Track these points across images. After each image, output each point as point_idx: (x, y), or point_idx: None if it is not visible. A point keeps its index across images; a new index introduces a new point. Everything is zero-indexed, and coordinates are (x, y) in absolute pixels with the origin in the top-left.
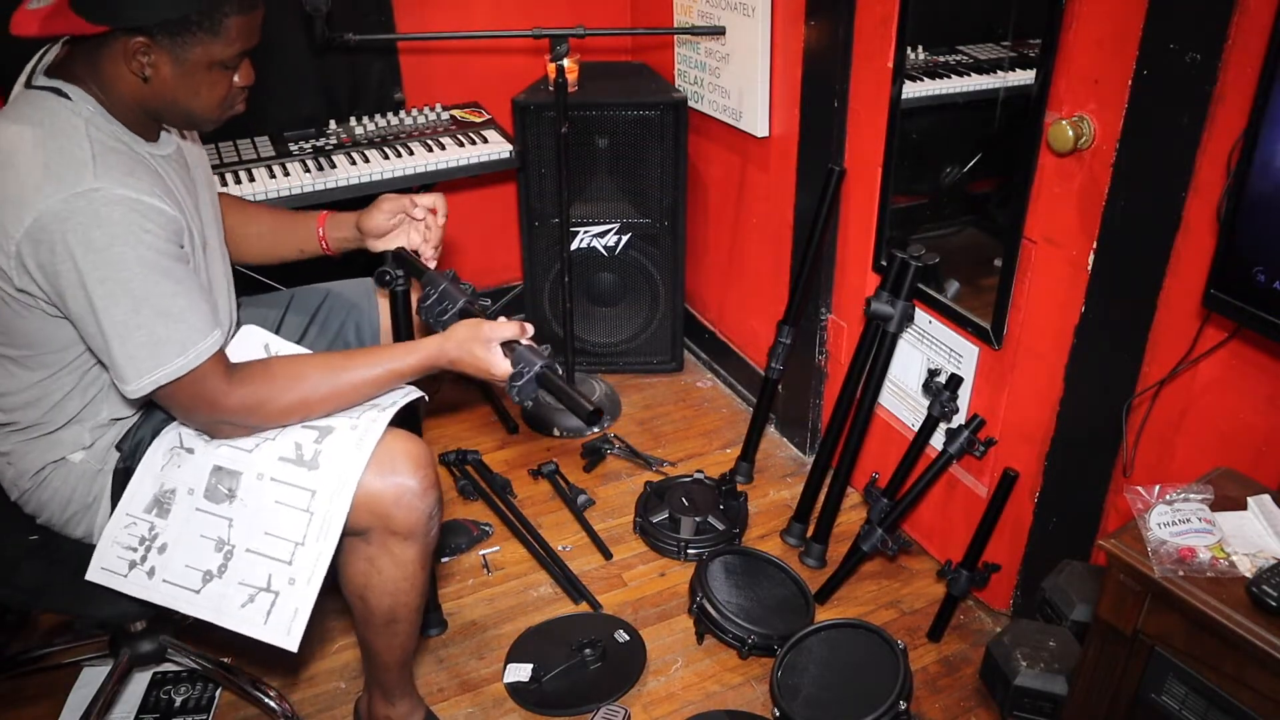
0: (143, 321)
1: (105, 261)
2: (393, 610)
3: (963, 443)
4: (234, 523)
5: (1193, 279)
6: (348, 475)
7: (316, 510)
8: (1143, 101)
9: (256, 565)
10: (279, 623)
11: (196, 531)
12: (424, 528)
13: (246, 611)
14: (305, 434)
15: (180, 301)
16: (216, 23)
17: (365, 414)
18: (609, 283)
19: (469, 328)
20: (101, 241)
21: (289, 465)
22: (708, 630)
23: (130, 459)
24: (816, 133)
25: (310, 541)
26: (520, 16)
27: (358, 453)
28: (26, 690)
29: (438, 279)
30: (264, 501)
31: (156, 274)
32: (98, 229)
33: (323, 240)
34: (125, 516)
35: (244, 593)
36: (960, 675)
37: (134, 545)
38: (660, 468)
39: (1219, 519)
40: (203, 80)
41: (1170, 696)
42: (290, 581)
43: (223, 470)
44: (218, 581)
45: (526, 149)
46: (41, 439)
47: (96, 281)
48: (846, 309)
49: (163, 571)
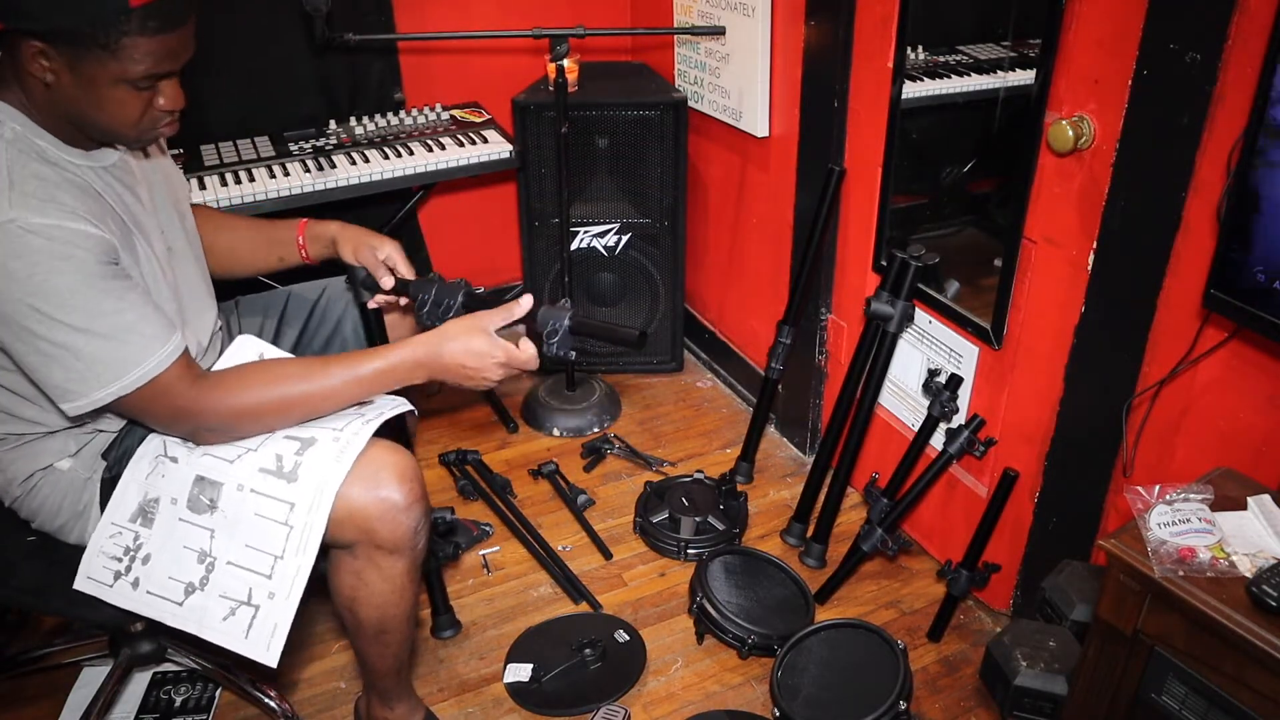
0: (87, 342)
1: (30, 291)
2: (381, 622)
3: (963, 443)
4: (215, 534)
5: (1193, 279)
6: (326, 488)
7: (295, 523)
8: (1143, 101)
9: (237, 578)
10: (259, 638)
11: (179, 542)
12: (410, 541)
13: (228, 625)
14: (287, 445)
15: (127, 316)
16: (113, 40)
17: (350, 425)
18: (609, 283)
19: (464, 321)
20: (22, 272)
21: (269, 477)
22: (708, 630)
23: (116, 467)
24: (816, 133)
25: (289, 555)
26: (520, 16)
27: (337, 465)
28: (26, 690)
29: (425, 285)
30: (244, 513)
31: (94, 294)
32: (16, 260)
33: (302, 249)
34: (111, 526)
35: (225, 606)
36: (960, 675)
37: (119, 555)
38: (660, 468)
39: (1219, 519)
40: (106, 96)
41: (1170, 696)
42: (270, 596)
43: (205, 480)
44: (200, 594)
45: (526, 149)
46: (26, 447)
47: (27, 310)
48: (846, 309)
49: (146, 583)
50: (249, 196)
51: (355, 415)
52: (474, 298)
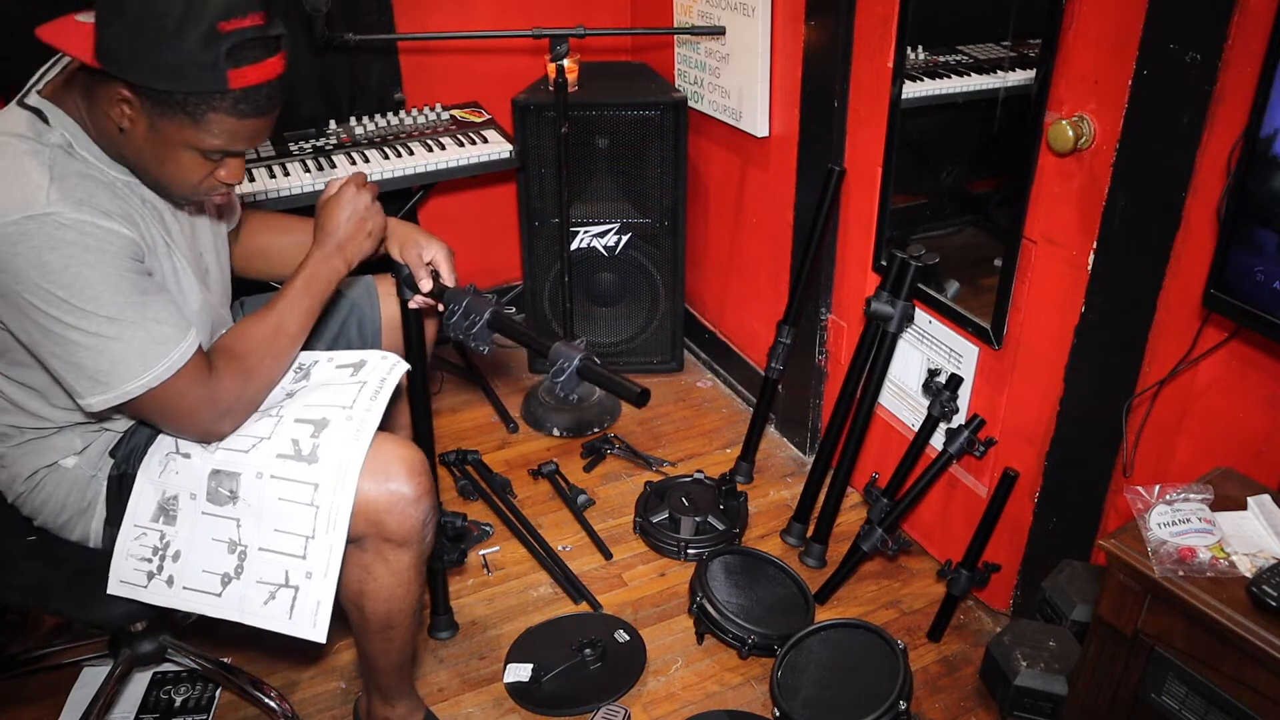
0: (118, 333)
1: (63, 284)
2: (388, 616)
3: (963, 443)
4: (241, 523)
5: (1193, 279)
6: (349, 466)
7: (321, 503)
8: (1143, 101)
9: (272, 562)
10: (303, 617)
11: (207, 535)
12: (418, 534)
13: (269, 609)
14: (301, 429)
15: (155, 311)
16: (201, 112)
17: (358, 401)
18: (609, 283)
19: (328, 199)
20: (57, 264)
21: (288, 461)
22: (708, 630)
23: (125, 465)
24: (816, 133)
25: (320, 534)
26: (520, 16)
27: (356, 443)
28: (26, 690)
29: (460, 294)
30: (266, 500)
31: (125, 287)
32: (51, 253)
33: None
34: (134, 528)
35: (264, 591)
36: (960, 675)
37: (148, 556)
38: (660, 468)
39: (1219, 519)
40: (173, 156)
41: (1170, 696)
42: (307, 575)
43: (221, 473)
44: (237, 583)
45: (526, 149)
46: (32, 444)
47: (59, 302)
48: (846, 309)
49: (181, 579)
50: (249, 197)
51: (356, 387)
52: (499, 317)
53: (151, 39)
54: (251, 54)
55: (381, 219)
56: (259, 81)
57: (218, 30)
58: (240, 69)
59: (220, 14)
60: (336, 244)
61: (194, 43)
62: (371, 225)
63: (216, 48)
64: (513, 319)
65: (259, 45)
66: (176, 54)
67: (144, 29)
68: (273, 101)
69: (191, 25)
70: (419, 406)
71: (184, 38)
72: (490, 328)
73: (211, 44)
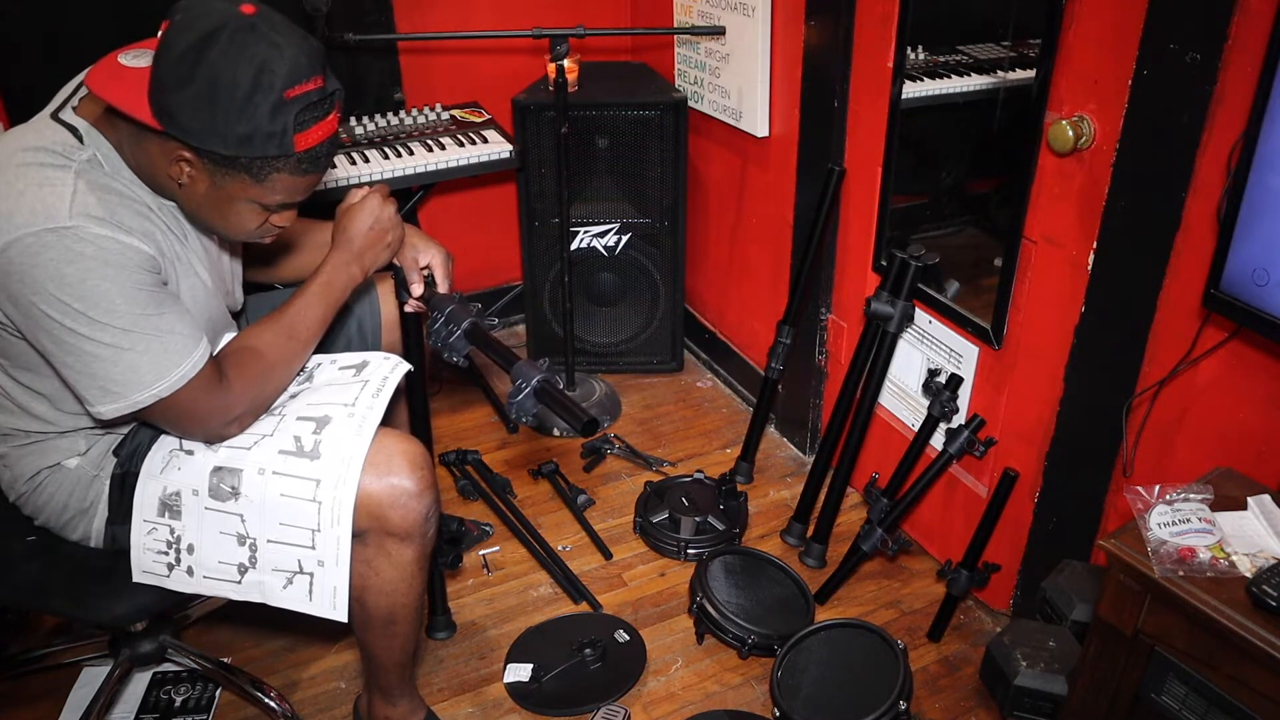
0: (132, 344)
1: (80, 296)
2: (391, 611)
3: (963, 443)
4: (245, 518)
5: (1193, 279)
6: (352, 461)
7: (324, 498)
8: (1143, 101)
9: (283, 553)
10: (322, 600)
11: (215, 529)
12: (421, 529)
13: (289, 592)
14: (303, 426)
15: (169, 321)
16: (265, 174)
17: (360, 399)
18: (609, 283)
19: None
20: (74, 277)
21: (290, 458)
22: (708, 630)
23: (129, 464)
24: (816, 133)
25: (325, 528)
26: (520, 16)
27: (358, 439)
28: (26, 690)
29: (444, 302)
30: (269, 495)
31: (140, 298)
32: (70, 265)
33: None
34: (144, 523)
35: (281, 578)
36: (960, 675)
37: (163, 549)
38: (660, 468)
39: (1219, 519)
40: (233, 209)
41: (1170, 696)
42: (320, 563)
43: (223, 469)
44: (253, 571)
45: (526, 149)
46: (36, 445)
47: (75, 314)
48: (846, 309)
49: (200, 569)
50: None
51: (359, 386)
52: (478, 329)
53: (221, 109)
54: (314, 116)
55: (400, 232)
56: (320, 140)
57: (284, 99)
58: (304, 132)
59: (287, 83)
60: (355, 252)
61: (264, 113)
62: (391, 238)
63: (285, 116)
64: (490, 333)
65: (319, 105)
66: (246, 125)
67: (214, 99)
68: (330, 156)
69: (261, 96)
70: (417, 407)
71: (254, 108)
72: (467, 339)
73: (279, 113)
